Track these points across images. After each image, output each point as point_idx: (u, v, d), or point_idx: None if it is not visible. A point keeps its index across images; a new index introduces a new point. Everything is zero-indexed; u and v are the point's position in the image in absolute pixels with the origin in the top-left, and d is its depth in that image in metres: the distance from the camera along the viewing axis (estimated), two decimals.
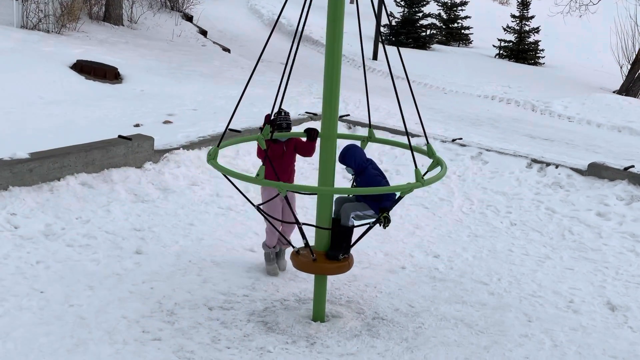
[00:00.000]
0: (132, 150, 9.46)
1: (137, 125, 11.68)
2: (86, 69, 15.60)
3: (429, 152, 6.19)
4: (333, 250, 6.15)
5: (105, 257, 7.28)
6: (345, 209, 6.21)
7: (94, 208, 8.37)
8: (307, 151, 6.97)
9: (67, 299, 6.31)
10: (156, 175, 9.47)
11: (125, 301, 6.40)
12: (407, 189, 5.71)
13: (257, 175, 5.69)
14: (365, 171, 6.30)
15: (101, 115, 12.39)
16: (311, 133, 6.80)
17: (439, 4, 36.46)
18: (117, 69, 16.08)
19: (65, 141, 9.35)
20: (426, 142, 6.20)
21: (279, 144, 6.96)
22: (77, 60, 15.85)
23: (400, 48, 6.31)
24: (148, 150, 9.70)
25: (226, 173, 5.82)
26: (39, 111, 12.20)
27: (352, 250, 6.27)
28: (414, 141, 11.33)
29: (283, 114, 6.84)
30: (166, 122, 12.16)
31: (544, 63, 32.54)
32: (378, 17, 19.94)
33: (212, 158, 5.93)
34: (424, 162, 6.30)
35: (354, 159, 6.30)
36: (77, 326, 5.89)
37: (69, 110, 12.51)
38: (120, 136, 9.64)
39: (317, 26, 31.06)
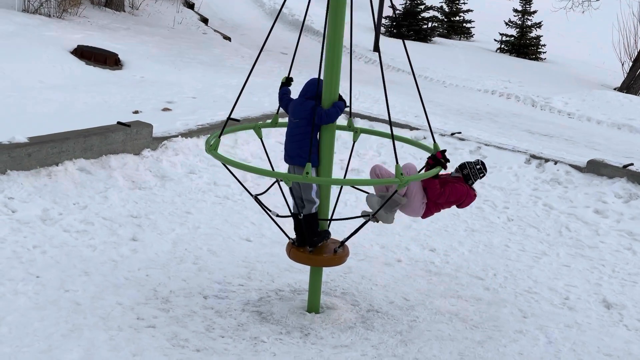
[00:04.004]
0: (130, 137, 9.44)
1: (136, 112, 11.65)
2: (86, 54, 15.55)
3: (435, 149, 6.12)
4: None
5: (101, 243, 7.28)
6: None
7: (92, 194, 8.36)
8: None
9: (62, 284, 6.31)
10: (154, 163, 9.45)
11: (121, 288, 6.40)
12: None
13: None
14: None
15: (100, 101, 12.36)
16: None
17: None
18: (117, 55, 16.02)
19: (64, 126, 9.33)
20: (432, 139, 6.15)
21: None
22: (78, 46, 15.79)
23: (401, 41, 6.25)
24: (146, 138, 9.68)
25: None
26: (39, 95, 12.17)
27: (349, 242, 6.25)
28: (413, 134, 11.41)
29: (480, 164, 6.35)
30: (165, 109, 12.13)
31: (545, 58, 32.49)
32: (379, 8, 19.93)
33: (213, 149, 5.85)
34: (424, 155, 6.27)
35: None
36: (72, 312, 5.89)
37: (69, 96, 12.47)
38: (119, 122, 9.62)
39: (318, 16, 31.02)
